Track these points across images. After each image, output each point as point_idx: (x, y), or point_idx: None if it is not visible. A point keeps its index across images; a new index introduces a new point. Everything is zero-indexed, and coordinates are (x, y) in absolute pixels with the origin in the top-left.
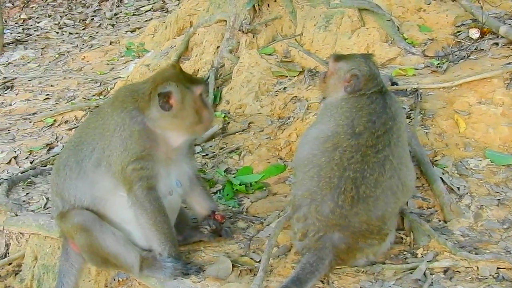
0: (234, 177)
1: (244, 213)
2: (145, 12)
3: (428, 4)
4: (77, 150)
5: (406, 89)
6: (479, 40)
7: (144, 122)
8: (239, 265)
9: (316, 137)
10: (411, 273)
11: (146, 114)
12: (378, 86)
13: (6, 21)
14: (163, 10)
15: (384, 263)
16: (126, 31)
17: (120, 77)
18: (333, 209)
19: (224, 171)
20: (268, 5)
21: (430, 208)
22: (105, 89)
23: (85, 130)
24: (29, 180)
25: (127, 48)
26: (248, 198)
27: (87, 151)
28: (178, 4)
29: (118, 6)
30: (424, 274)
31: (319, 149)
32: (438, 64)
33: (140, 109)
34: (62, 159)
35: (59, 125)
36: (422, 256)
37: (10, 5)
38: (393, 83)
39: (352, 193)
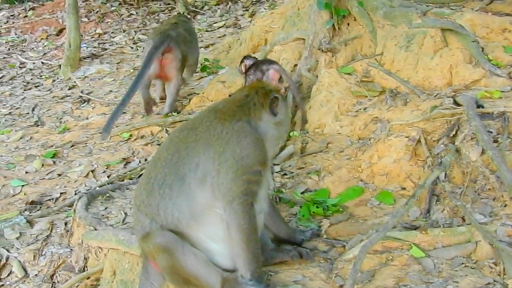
0: (311, 199)
1: (324, 236)
2: (218, 28)
3: None
4: (176, 167)
5: (493, 112)
6: None
7: (259, 133)
8: None
9: None
10: None
11: (258, 125)
12: None
13: (82, 36)
14: (235, 27)
15: None
16: (200, 47)
17: (195, 93)
18: None
19: (303, 192)
20: (348, 24)
21: None
22: (180, 104)
23: (182, 146)
24: (107, 195)
25: (201, 65)
26: (328, 220)
27: (191, 166)
28: (251, 21)
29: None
30: None
31: None
32: None
33: (254, 120)
34: (156, 179)
35: (135, 139)
36: None
37: (86, 20)
38: (479, 106)
39: None
